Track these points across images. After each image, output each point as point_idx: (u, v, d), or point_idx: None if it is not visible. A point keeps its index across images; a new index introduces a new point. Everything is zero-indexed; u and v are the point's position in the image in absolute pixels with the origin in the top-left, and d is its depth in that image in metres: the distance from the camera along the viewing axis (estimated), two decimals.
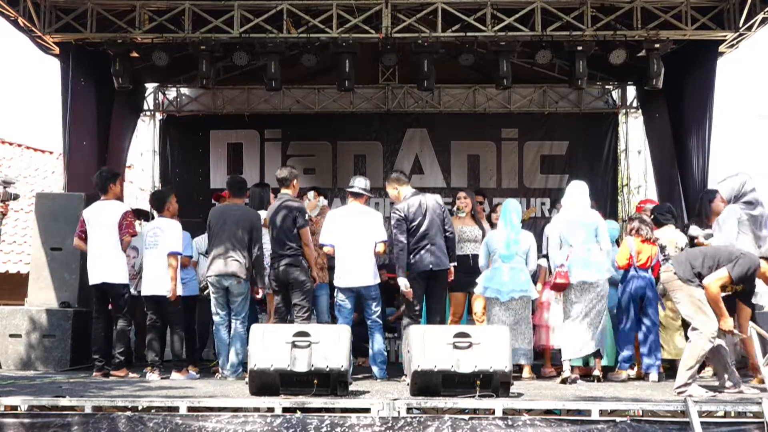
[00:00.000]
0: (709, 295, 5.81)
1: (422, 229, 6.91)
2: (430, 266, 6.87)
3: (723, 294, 5.92)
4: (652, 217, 7.65)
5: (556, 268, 6.88)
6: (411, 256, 6.92)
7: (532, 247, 7.30)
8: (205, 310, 8.32)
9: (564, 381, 6.70)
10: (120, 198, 7.82)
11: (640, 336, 7.18)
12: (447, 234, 7.03)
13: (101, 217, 7.29)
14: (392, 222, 6.99)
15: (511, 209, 7.31)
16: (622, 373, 7.10)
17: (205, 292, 8.10)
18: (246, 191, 7.57)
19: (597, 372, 6.88)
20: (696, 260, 5.94)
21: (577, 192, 7.09)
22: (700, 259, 5.93)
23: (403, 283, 6.87)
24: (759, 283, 6.80)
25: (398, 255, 6.89)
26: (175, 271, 7.17)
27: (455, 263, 7.11)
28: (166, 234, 7.24)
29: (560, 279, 6.78)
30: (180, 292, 7.24)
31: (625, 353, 7.16)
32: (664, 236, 7.40)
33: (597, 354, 6.94)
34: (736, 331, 5.97)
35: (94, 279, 7.26)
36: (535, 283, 7.44)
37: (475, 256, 7.42)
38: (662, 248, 7.34)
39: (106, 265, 7.21)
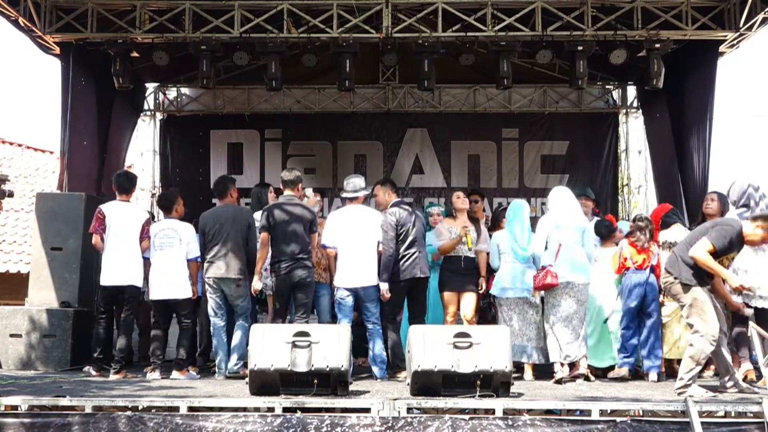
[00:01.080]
0: (699, 262, 5.75)
1: (411, 237, 7.04)
2: (420, 274, 7.01)
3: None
4: (663, 220, 7.65)
5: (544, 267, 6.84)
6: (401, 262, 6.99)
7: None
8: (207, 311, 8.30)
9: (558, 382, 6.71)
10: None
11: (642, 337, 7.20)
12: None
13: (126, 219, 7.19)
14: (384, 226, 7.02)
15: (525, 209, 7.34)
16: (622, 370, 7.10)
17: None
18: (230, 189, 7.46)
19: (583, 370, 6.86)
20: (684, 252, 5.92)
21: (566, 196, 7.13)
22: (685, 249, 5.91)
23: (385, 287, 6.95)
24: (762, 282, 6.81)
25: (387, 260, 6.95)
26: (196, 276, 7.29)
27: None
28: (182, 237, 7.21)
29: (551, 278, 6.74)
30: (192, 292, 7.28)
31: (627, 355, 7.17)
32: (674, 235, 7.42)
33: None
34: (746, 286, 5.92)
35: (110, 280, 7.14)
36: None
37: (462, 258, 7.44)
38: (671, 245, 7.36)
39: (129, 268, 7.12)
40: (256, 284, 7.02)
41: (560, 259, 6.82)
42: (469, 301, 7.42)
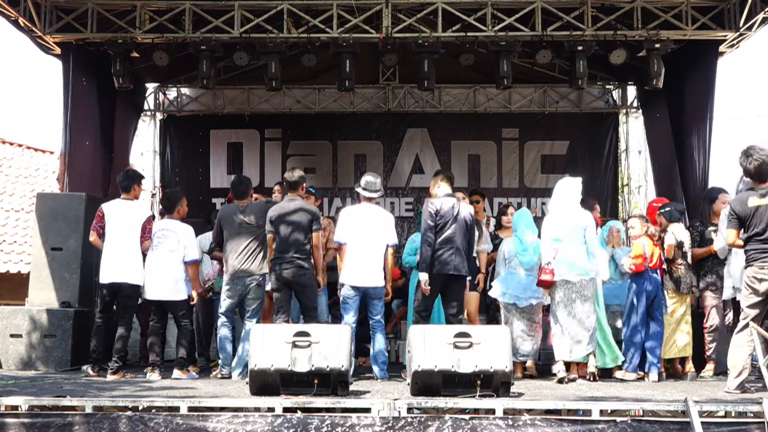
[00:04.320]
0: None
1: (448, 232, 6.74)
2: (451, 271, 6.70)
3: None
4: (667, 210, 7.65)
5: (544, 265, 6.88)
6: (435, 256, 6.72)
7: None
8: (208, 310, 8.30)
9: (560, 381, 6.70)
10: (137, 199, 7.73)
11: (647, 336, 7.21)
12: (471, 247, 6.95)
13: (125, 217, 7.15)
14: (424, 214, 6.80)
15: (529, 217, 7.41)
16: (633, 375, 7.11)
17: (210, 293, 8.09)
18: (250, 190, 7.45)
19: (592, 369, 6.86)
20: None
21: (567, 190, 7.09)
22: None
23: (424, 278, 6.73)
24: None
25: (424, 249, 6.73)
26: (196, 279, 7.24)
27: (470, 277, 7.06)
28: (180, 238, 7.17)
29: (545, 275, 6.79)
30: (187, 293, 7.23)
31: (634, 355, 7.17)
32: (677, 232, 7.43)
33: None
34: None
35: (108, 278, 7.10)
36: None
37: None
38: (681, 244, 7.37)
39: (127, 265, 7.08)
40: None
41: (558, 258, 6.82)
42: (470, 300, 7.39)
